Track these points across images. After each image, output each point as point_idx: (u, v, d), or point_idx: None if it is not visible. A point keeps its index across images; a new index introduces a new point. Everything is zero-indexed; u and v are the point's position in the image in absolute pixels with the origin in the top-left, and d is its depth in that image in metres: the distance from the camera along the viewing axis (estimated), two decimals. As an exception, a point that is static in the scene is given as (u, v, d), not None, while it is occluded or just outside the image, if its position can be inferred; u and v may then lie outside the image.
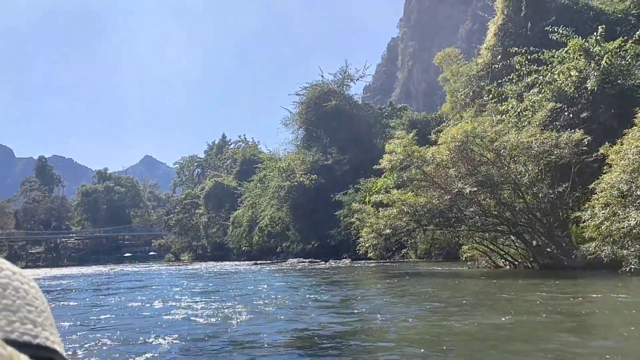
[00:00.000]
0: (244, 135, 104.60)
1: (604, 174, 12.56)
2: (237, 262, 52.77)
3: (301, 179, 44.59)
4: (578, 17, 26.28)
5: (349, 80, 52.99)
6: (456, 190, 15.73)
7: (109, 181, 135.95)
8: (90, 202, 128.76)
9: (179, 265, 59.92)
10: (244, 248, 61.01)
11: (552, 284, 13.07)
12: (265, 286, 19.00)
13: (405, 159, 16.82)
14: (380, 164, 18.54)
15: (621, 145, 12.36)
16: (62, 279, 32.29)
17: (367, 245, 18.33)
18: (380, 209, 18.18)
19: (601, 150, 13.06)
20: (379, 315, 9.77)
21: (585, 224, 12.88)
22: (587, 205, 12.97)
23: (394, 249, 30.26)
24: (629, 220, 11.03)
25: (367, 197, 30.93)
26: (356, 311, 10.79)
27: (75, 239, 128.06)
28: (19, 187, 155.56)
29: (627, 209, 11.24)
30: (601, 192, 11.80)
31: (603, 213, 11.62)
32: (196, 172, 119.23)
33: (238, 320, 10.03)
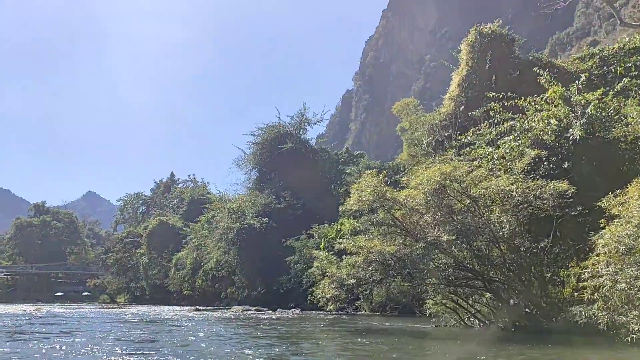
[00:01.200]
0: (194, 175, 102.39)
1: (602, 228, 11.37)
2: (177, 307, 49.40)
3: (251, 221, 42.40)
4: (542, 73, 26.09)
5: (306, 124, 51.98)
6: (431, 238, 14.24)
7: (46, 215, 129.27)
8: (24, 236, 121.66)
9: (113, 307, 55.78)
10: (185, 292, 57.65)
11: (538, 349, 11.57)
12: (202, 335, 16.75)
13: (376, 201, 15.29)
14: (345, 205, 16.92)
15: (624, 195, 11.24)
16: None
17: (327, 296, 16.44)
18: (344, 256, 16.43)
19: (604, 202, 11.89)
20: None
21: (584, 283, 11.52)
22: (586, 262, 11.66)
23: (347, 300, 28.31)
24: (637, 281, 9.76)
25: (322, 244, 29.17)
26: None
27: (4, 274, 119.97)
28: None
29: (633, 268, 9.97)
30: (603, 247, 10.52)
31: (607, 271, 10.31)
32: (140, 210, 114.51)
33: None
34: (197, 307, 43.52)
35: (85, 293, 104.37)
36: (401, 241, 15.91)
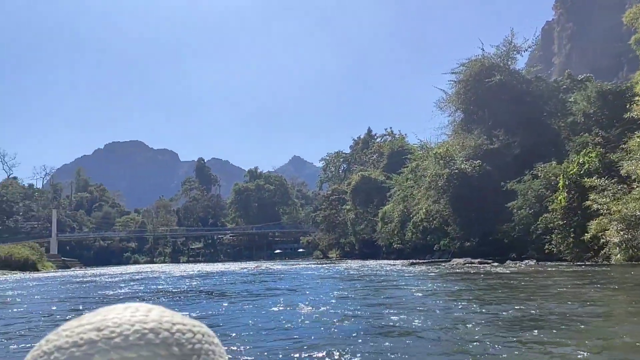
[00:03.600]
0: (390, 128, 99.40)
1: None
2: (387, 261, 47.93)
3: (462, 165, 38.31)
4: None
5: (514, 52, 45.53)
6: None
7: (260, 179, 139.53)
8: (242, 200, 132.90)
9: (326, 262, 56.62)
10: (395, 246, 56.08)
11: None
12: (454, 290, 13.83)
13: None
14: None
15: None
16: (226, 276, 29.91)
17: (614, 240, 12.26)
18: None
19: None
20: None
21: None
22: None
23: (595, 248, 23.07)
24: None
25: (562, 182, 24.15)
26: None
27: (230, 236, 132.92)
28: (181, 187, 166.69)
29: None
30: None
31: None
32: (342, 167, 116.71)
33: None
34: (412, 260, 41.30)
35: (300, 250, 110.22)
36: None
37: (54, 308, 14.17)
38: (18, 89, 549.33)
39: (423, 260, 43.46)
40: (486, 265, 28.18)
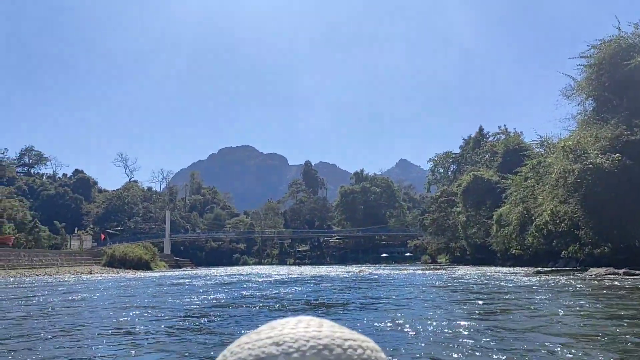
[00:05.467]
0: (504, 125, 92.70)
1: None
2: (505, 268, 43.30)
3: (597, 160, 33.09)
4: None
5: (658, 29, 39.15)
6: None
7: (365, 182, 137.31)
8: (348, 202, 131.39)
9: (436, 268, 52.78)
10: (513, 251, 51.05)
11: None
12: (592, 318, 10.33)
13: None
14: None
15: None
16: (328, 280, 27.80)
17: None
18: None
19: None
20: None
21: None
22: None
23: None
24: None
25: None
26: None
27: (336, 238, 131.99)
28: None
29: None
30: None
31: None
32: (451, 168, 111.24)
33: None
34: (536, 268, 36.60)
35: (408, 254, 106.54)
36: None
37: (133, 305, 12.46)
38: (140, 98, 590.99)
39: (548, 269, 38.49)
40: (637, 277, 23.40)
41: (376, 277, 31.78)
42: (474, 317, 11.14)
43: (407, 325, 9.20)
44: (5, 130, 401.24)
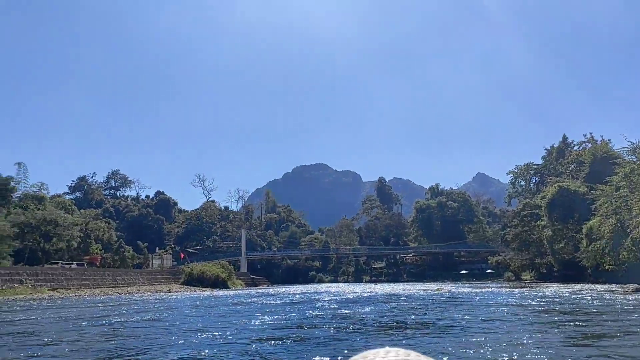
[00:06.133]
0: (590, 133, 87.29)
1: None
2: (599, 285, 40.08)
3: (702, 165, 29.87)
4: None
5: None
6: None
7: (442, 197, 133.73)
8: (424, 218, 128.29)
9: (521, 286, 49.84)
10: (606, 267, 47.30)
11: None
12: None
13: None
14: None
15: None
16: (405, 299, 26.66)
17: None
18: None
19: None
20: None
21: None
22: None
23: None
24: None
25: None
26: None
27: (412, 255, 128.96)
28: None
29: None
30: None
31: None
32: (533, 180, 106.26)
33: None
34: (636, 285, 33.45)
35: (489, 271, 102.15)
36: None
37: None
38: (216, 119, 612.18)
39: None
40: None
41: (456, 295, 30.09)
42: (573, 342, 9.73)
43: (496, 353, 8.03)
44: (93, 154, 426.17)
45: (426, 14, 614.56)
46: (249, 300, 29.42)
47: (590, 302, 20.76)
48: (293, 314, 17.69)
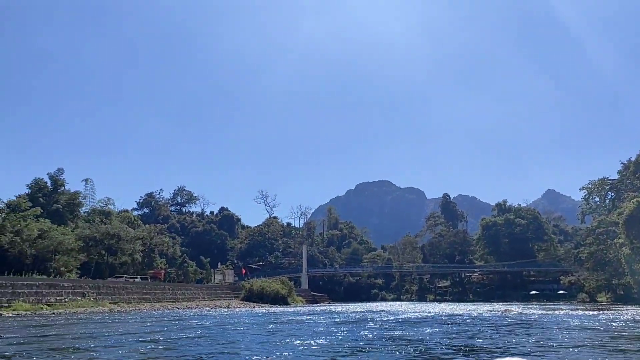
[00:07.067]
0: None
1: None
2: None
3: None
4: None
5: None
6: None
7: (509, 213, 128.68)
8: (491, 236, 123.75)
9: (598, 309, 46.31)
10: (696, 289, 43.33)
11: None
12: None
13: None
14: None
15: None
16: (472, 321, 25.04)
17: None
18: None
19: None
20: None
21: None
22: None
23: None
24: None
25: None
26: None
27: (479, 274, 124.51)
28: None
29: None
30: None
31: None
32: (609, 196, 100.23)
33: None
34: None
35: (561, 292, 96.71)
36: None
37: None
38: (279, 137, 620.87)
39: None
40: None
41: (527, 317, 27.90)
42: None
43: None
44: (161, 171, 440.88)
45: (487, 26, 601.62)
46: (306, 318, 28.46)
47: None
48: (349, 334, 16.55)
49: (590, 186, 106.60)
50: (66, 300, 36.84)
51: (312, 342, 14.02)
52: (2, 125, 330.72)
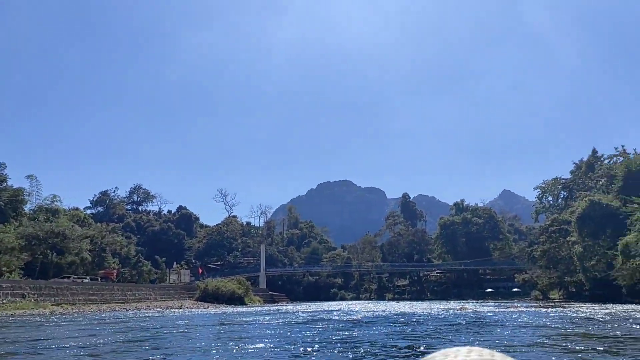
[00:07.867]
0: (622, 146, 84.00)
1: None
2: (638, 306, 37.06)
3: None
4: None
5: None
6: None
7: (466, 213, 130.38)
8: (448, 235, 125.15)
9: (550, 306, 46.86)
10: (644, 286, 44.32)
11: None
12: None
13: None
14: None
15: None
16: (426, 320, 24.47)
17: None
18: None
19: None
20: None
21: None
22: None
23: None
24: None
25: None
26: None
27: (436, 272, 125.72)
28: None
29: None
30: None
31: None
32: (561, 195, 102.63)
33: None
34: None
35: (515, 289, 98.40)
36: None
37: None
38: (239, 135, 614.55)
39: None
40: None
41: (481, 315, 27.65)
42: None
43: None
44: (117, 169, 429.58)
45: (453, 32, 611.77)
46: (258, 318, 27.47)
47: (631, 325, 18.29)
48: (299, 335, 15.69)
49: (544, 186, 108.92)
50: (4, 301, 34.72)
51: (250, 346, 13.06)
52: None
